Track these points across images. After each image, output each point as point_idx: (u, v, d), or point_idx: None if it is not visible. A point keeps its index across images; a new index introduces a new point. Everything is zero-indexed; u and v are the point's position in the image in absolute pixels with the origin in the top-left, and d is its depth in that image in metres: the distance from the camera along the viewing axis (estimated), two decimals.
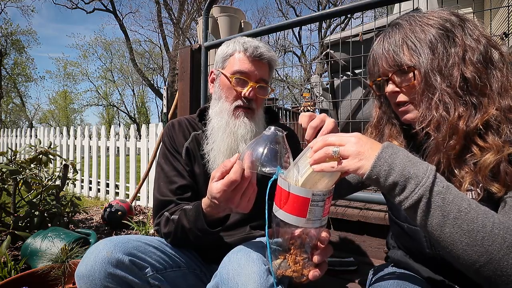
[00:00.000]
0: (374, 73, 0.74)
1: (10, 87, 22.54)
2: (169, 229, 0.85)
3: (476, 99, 0.61)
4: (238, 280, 0.63)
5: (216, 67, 0.99)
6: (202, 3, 12.53)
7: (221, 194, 0.66)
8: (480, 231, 0.49)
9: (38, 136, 5.19)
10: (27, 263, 1.62)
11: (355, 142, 0.56)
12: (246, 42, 0.93)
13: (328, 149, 0.57)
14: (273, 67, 0.99)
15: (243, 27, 3.50)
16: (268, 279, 0.63)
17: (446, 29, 0.64)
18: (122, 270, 0.73)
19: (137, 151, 3.74)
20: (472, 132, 0.61)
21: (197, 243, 0.83)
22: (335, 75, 2.23)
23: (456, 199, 0.51)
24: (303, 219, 0.58)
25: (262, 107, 0.99)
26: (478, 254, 0.49)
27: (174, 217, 0.84)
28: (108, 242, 0.75)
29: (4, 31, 19.09)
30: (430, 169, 0.53)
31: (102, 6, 16.95)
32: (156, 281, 0.79)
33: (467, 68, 0.61)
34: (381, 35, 0.73)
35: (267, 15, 29.10)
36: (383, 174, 0.53)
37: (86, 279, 0.71)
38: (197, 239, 0.80)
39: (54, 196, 2.19)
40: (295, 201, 0.58)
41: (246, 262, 0.66)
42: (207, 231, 0.76)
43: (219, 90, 0.96)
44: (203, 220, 0.75)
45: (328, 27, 18.17)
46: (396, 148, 0.56)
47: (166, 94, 6.46)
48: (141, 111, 27.46)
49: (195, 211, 0.77)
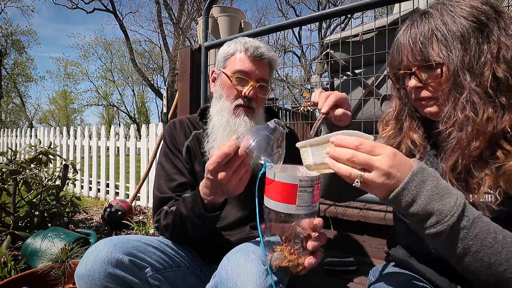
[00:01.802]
0: (395, 64, 0.69)
1: (10, 87, 22.54)
2: (168, 221, 0.85)
3: (506, 100, 0.57)
4: (237, 281, 0.63)
5: (218, 67, 1.00)
6: (202, 3, 12.53)
7: (214, 166, 0.66)
8: (503, 264, 0.47)
9: (38, 136, 5.19)
10: (27, 263, 1.62)
11: (385, 168, 0.48)
12: (247, 42, 0.94)
13: (351, 171, 0.49)
14: (274, 67, 1.00)
15: (243, 27, 3.50)
16: (267, 279, 0.63)
17: (481, 22, 0.59)
18: (122, 270, 0.73)
19: (137, 151, 3.74)
20: (498, 135, 0.57)
21: (195, 233, 0.82)
22: (335, 75, 2.24)
23: (481, 233, 0.48)
24: (293, 206, 0.59)
25: (262, 106, 1.00)
26: (496, 281, 0.48)
27: (173, 208, 0.85)
28: (107, 242, 0.75)
29: (4, 31, 19.09)
30: (458, 204, 0.48)
31: (102, 6, 16.95)
32: (156, 281, 0.79)
33: (500, 67, 0.57)
34: (408, 23, 0.67)
35: (267, 15, 29.15)
36: (405, 203, 0.49)
37: (86, 279, 0.71)
38: (195, 228, 0.80)
39: (54, 196, 2.19)
40: (283, 189, 0.59)
41: (245, 262, 0.66)
42: (204, 216, 0.75)
43: (220, 89, 0.97)
44: (200, 205, 0.75)
45: (328, 27, 18.18)
46: (426, 174, 0.50)
47: (166, 94, 6.46)
48: (141, 111, 27.47)
49: (193, 196, 0.78)
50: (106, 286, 0.71)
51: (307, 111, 4.59)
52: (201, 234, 0.82)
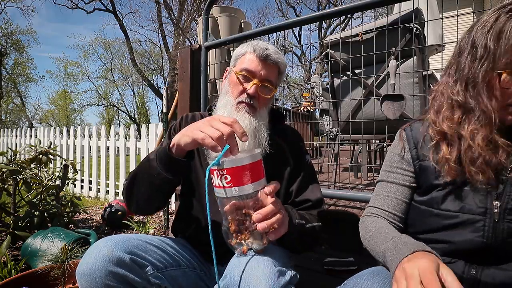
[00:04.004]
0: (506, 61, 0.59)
1: (10, 87, 22.51)
2: (128, 176, 0.87)
3: None
4: (249, 282, 0.63)
5: (230, 66, 1.04)
6: (202, 3, 12.53)
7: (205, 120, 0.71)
8: None
9: (38, 136, 5.19)
10: (27, 263, 1.62)
11: None
12: (257, 44, 0.96)
13: None
14: (282, 70, 1.01)
15: (243, 27, 3.50)
16: (279, 280, 0.64)
17: None
18: (123, 269, 0.73)
19: (137, 151, 3.74)
20: None
21: (150, 180, 0.81)
22: (335, 75, 2.23)
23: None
24: (262, 179, 0.67)
25: (266, 107, 1.00)
26: None
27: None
28: (108, 240, 0.75)
29: (4, 31, 19.08)
30: None
31: (102, 6, 16.93)
32: (156, 280, 0.79)
33: None
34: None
35: (267, 15, 29.04)
36: None
37: (87, 277, 0.71)
38: (151, 175, 0.79)
39: (54, 196, 2.19)
40: (252, 169, 0.65)
41: (257, 263, 0.66)
42: (167, 155, 0.76)
43: (227, 86, 1.01)
44: (166, 147, 0.76)
45: (328, 27, 18.17)
46: None
47: (166, 94, 6.44)
48: (141, 111, 27.46)
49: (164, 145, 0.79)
50: (107, 285, 0.71)
51: (307, 111, 4.59)
52: (151, 191, 0.83)
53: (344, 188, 1.86)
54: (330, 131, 2.60)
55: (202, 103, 2.04)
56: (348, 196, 1.55)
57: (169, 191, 0.89)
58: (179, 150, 0.75)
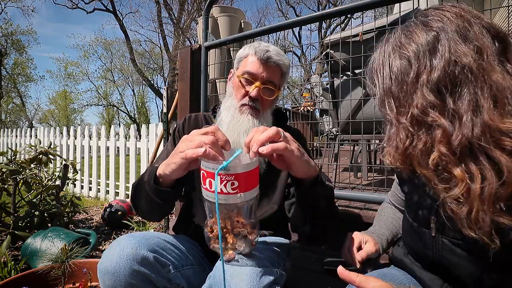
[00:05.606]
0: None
1: (10, 87, 22.51)
2: (135, 182, 0.87)
3: None
4: (231, 282, 0.64)
5: (234, 68, 1.05)
6: (202, 3, 12.53)
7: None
8: None
9: (38, 136, 5.19)
10: (27, 263, 1.62)
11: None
12: (259, 46, 0.96)
13: None
14: (285, 71, 1.00)
15: (243, 27, 3.49)
16: (261, 280, 0.65)
17: None
18: (146, 268, 0.72)
19: (137, 151, 3.74)
20: None
21: (146, 203, 0.80)
22: (335, 75, 2.23)
23: None
24: (256, 187, 0.63)
25: (269, 109, 1.01)
26: None
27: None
28: (131, 238, 0.74)
29: (4, 31, 19.09)
30: None
31: (102, 6, 16.92)
32: (176, 279, 0.78)
33: None
34: None
35: (267, 15, 29.00)
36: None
37: (111, 275, 0.70)
38: (146, 197, 0.78)
39: (54, 196, 2.19)
40: (252, 175, 0.61)
41: (241, 264, 0.67)
42: (155, 187, 0.74)
43: (230, 88, 1.02)
44: (154, 171, 0.74)
45: (328, 27, 18.17)
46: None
47: (166, 94, 6.44)
48: (141, 111, 27.46)
49: (152, 167, 0.78)
50: (130, 283, 0.70)
51: (307, 111, 4.59)
52: (152, 208, 0.82)
53: (344, 188, 1.86)
54: (330, 131, 2.60)
55: (202, 103, 2.04)
56: (348, 196, 1.55)
57: (170, 206, 0.92)
58: (166, 180, 0.73)
